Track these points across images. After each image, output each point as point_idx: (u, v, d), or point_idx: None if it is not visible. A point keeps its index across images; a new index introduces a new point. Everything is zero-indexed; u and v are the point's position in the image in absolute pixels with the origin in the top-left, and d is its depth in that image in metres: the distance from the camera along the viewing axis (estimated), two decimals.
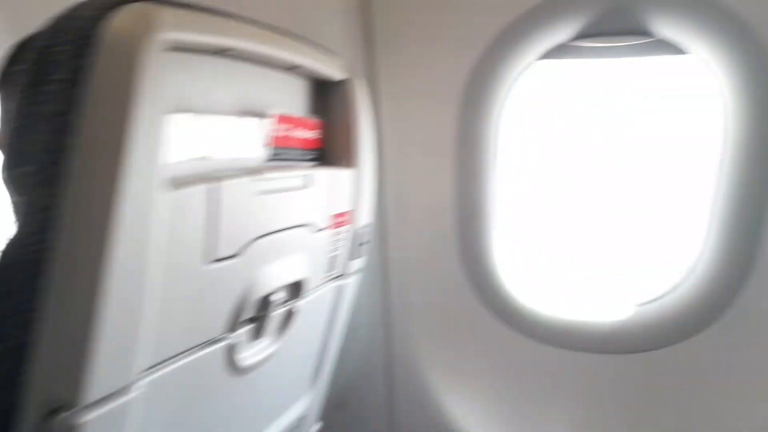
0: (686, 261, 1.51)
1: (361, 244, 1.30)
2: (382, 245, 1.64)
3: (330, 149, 1.19)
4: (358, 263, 1.31)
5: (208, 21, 0.75)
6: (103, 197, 0.59)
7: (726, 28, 1.25)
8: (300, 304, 1.09)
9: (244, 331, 0.95)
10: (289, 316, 1.07)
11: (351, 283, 1.32)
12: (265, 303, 0.97)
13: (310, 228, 1.05)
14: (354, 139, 1.18)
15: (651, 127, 1.55)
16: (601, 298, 1.60)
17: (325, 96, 1.18)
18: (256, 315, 0.96)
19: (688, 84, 1.42)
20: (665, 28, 1.31)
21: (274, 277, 0.96)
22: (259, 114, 0.94)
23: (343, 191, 1.17)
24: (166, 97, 0.66)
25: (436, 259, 1.61)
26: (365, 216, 1.27)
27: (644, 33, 1.34)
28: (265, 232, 0.91)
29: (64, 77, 0.60)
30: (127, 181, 0.60)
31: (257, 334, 0.98)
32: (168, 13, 0.66)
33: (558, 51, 1.40)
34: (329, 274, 1.21)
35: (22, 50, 0.78)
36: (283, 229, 0.97)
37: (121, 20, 0.62)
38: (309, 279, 1.09)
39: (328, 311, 1.28)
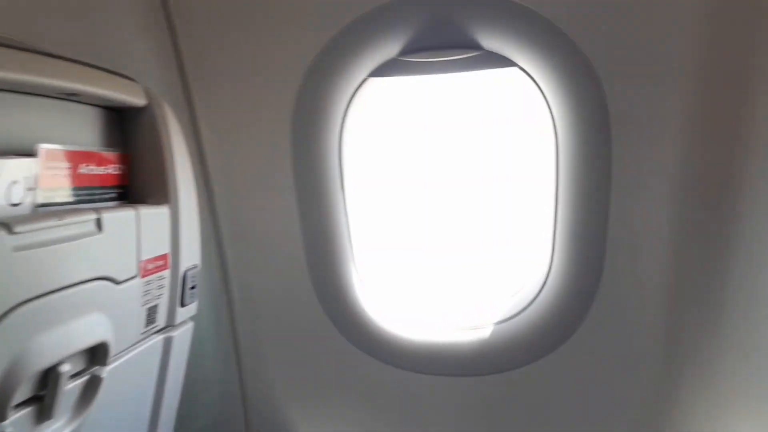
0: (535, 276, 1.50)
1: (190, 289, 1.16)
2: (225, 284, 1.49)
3: (138, 185, 1.05)
4: (187, 310, 1.17)
5: None
6: None
7: (549, 40, 1.24)
8: (108, 369, 0.93)
9: (23, 415, 0.78)
10: (92, 386, 0.91)
11: (182, 333, 1.17)
12: (50, 377, 0.81)
13: (109, 280, 0.90)
14: (164, 173, 1.04)
15: (489, 143, 1.54)
16: (458, 317, 1.55)
17: (128, 126, 1.04)
18: (38, 394, 0.80)
19: (519, 96, 1.40)
20: (491, 40, 1.29)
21: (57, 345, 0.81)
22: (25, 152, 0.79)
23: (156, 232, 1.03)
24: None
25: (288, 291, 1.49)
26: (189, 257, 1.13)
27: (473, 46, 1.30)
28: (33, 295, 0.75)
29: None
30: None
31: (43, 415, 0.82)
32: None
33: (389, 67, 1.33)
34: (149, 328, 1.05)
35: None
36: (67, 287, 0.81)
37: None
38: (115, 339, 0.93)
39: (156, 367, 1.12)
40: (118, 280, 0.92)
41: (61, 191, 0.85)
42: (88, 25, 1.16)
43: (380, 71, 1.34)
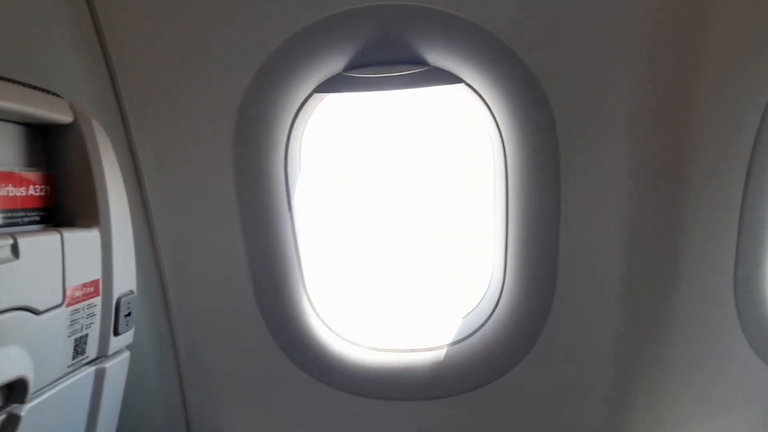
0: (488, 295, 1.48)
1: (125, 316, 1.09)
2: (166, 310, 1.42)
3: (65, 207, 0.98)
4: (123, 339, 1.10)
5: None
6: None
7: (495, 56, 1.22)
8: (28, 406, 0.86)
9: None
10: (10, 425, 0.84)
11: (117, 364, 1.10)
12: None
13: (28, 310, 0.83)
14: (94, 193, 0.98)
15: (437, 158, 1.52)
16: (410, 340, 1.51)
17: (54, 144, 0.98)
18: None
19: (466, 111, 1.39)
20: (438, 56, 1.27)
21: None
22: None
23: (85, 257, 0.96)
24: None
25: (233, 315, 1.43)
26: (124, 283, 1.06)
27: (419, 62, 1.28)
28: None
29: None
30: None
31: None
32: None
33: (335, 83, 1.29)
34: (77, 360, 0.98)
35: None
36: None
37: None
38: (36, 374, 0.86)
39: (86, 401, 1.05)
40: (38, 310, 0.85)
41: None
42: (14, 39, 1.09)
43: (326, 87, 1.30)
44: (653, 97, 1.22)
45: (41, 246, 0.86)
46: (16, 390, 0.84)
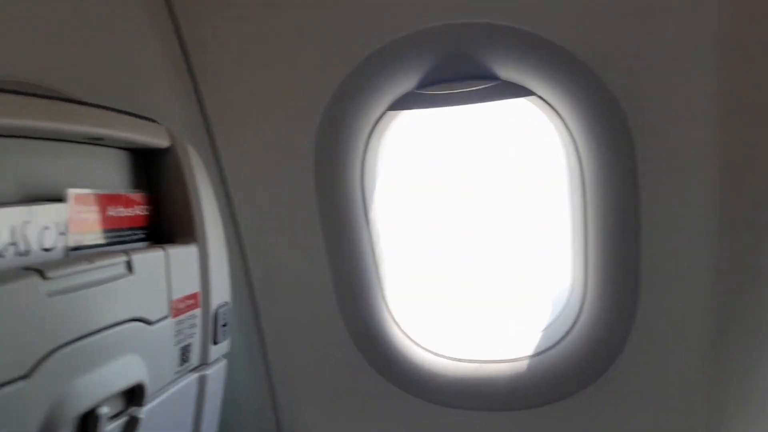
0: (569, 308, 1.47)
1: (221, 326, 1.16)
2: (256, 320, 1.49)
3: (164, 226, 1.06)
4: (220, 348, 1.16)
5: None
6: None
7: (571, 72, 1.22)
8: (145, 409, 0.93)
9: None
10: (130, 427, 0.91)
11: (216, 371, 1.17)
12: (89, 420, 0.81)
13: (142, 321, 0.91)
14: (191, 212, 1.05)
15: (513, 172, 1.53)
16: (491, 350, 1.52)
17: (152, 167, 1.05)
18: None
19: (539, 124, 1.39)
20: (510, 71, 1.28)
21: (94, 388, 0.81)
22: (55, 197, 0.80)
23: (185, 272, 1.03)
24: None
25: (318, 325, 1.48)
26: (220, 295, 1.13)
27: (490, 77, 1.29)
28: (70, 339, 0.75)
29: None
30: None
31: None
32: None
33: (407, 100, 1.33)
34: (183, 367, 1.05)
35: None
36: (102, 330, 0.82)
37: None
38: (151, 380, 0.93)
39: (192, 406, 1.12)
40: (150, 321, 0.93)
41: (92, 234, 0.86)
42: (110, 68, 1.19)
43: (399, 104, 1.34)
44: (735, 113, 1.18)
45: (150, 262, 0.93)
46: (136, 394, 0.91)
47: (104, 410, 0.82)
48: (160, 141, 1.01)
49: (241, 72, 1.30)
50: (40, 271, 0.71)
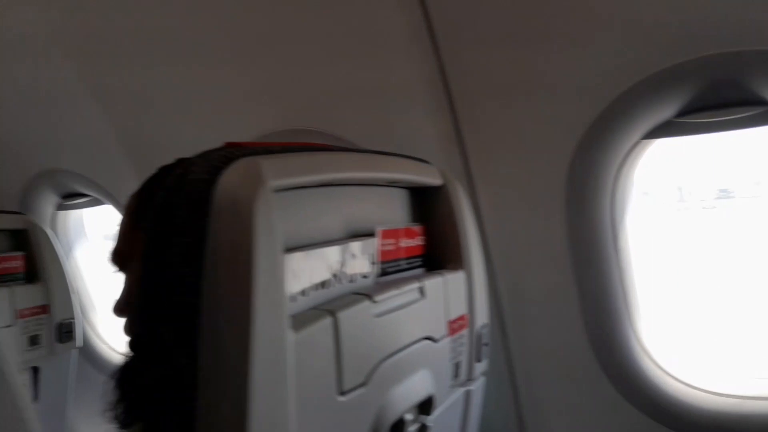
0: None
1: (483, 345, 1.25)
2: (504, 341, 1.57)
3: (435, 254, 1.18)
4: (481, 366, 1.26)
5: (307, 161, 0.78)
6: (238, 343, 0.61)
7: None
8: (431, 418, 1.05)
9: None
10: None
11: (477, 387, 1.26)
12: (398, 426, 0.94)
13: (430, 339, 1.03)
14: (459, 242, 1.16)
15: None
16: (754, 384, 1.43)
17: (425, 201, 1.19)
18: None
19: None
20: None
21: (404, 397, 0.94)
22: (367, 232, 0.95)
23: (456, 295, 1.15)
24: (281, 237, 0.68)
25: (565, 350, 1.52)
26: (481, 316, 1.23)
27: (759, 102, 1.24)
28: (388, 354, 0.89)
29: (186, 240, 0.63)
30: (258, 325, 0.62)
31: None
32: (270, 163, 0.69)
33: (664, 129, 1.32)
34: (455, 381, 1.16)
35: (140, 208, 0.85)
36: (406, 347, 0.95)
37: (231, 178, 0.65)
38: (437, 392, 1.05)
39: (459, 420, 1.22)
40: (435, 339, 1.05)
41: (392, 263, 1.00)
42: (381, 115, 1.36)
43: (655, 133, 1.35)
44: None
45: (434, 286, 1.05)
46: (425, 405, 1.03)
47: (409, 417, 0.95)
48: (434, 180, 1.14)
49: (499, 104, 1.39)
50: (368, 296, 0.86)
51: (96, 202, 2.58)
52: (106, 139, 1.96)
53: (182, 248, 0.63)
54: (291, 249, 0.75)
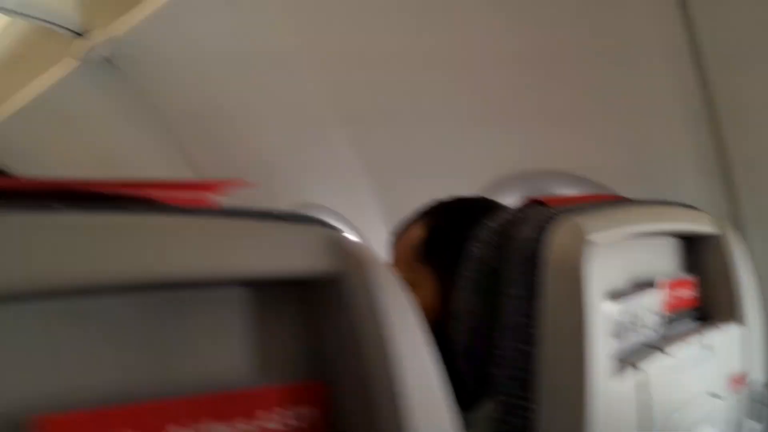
0: None
1: (761, 406, 1.17)
2: None
3: (708, 306, 1.14)
4: (758, 429, 1.17)
5: (614, 217, 0.82)
6: (574, 390, 0.65)
7: None
8: None
9: None
10: None
11: None
12: None
13: (714, 395, 0.99)
14: (735, 293, 1.11)
15: None
16: None
17: (693, 249, 1.15)
18: None
19: None
20: None
21: None
22: (650, 283, 0.96)
23: (734, 350, 1.09)
24: (601, 288, 0.72)
25: None
26: (760, 375, 1.15)
27: None
28: (676, 407, 0.88)
29: (519, 293, 0.70)
30: (593, 371, 0.66)
31: None
32: (588, 221, 0.74)
33: None
34: None
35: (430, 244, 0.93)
36: (691, 400, 0.93)
37: (558, 238, 0.71)
38: None
39: None
40: (719, 395, 1.00)
41: (674, 316, 0.99)
42: (644, 160, 1.35)
43: None
44: None
45: (718, 340, 1.02)
46: None
47: None
48: (710, 228, 1.11)
49: None
50: (660, 349, 0.86)
51: None
52: (352, 169, 1.95)
53: (516, 301, 0.70)
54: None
